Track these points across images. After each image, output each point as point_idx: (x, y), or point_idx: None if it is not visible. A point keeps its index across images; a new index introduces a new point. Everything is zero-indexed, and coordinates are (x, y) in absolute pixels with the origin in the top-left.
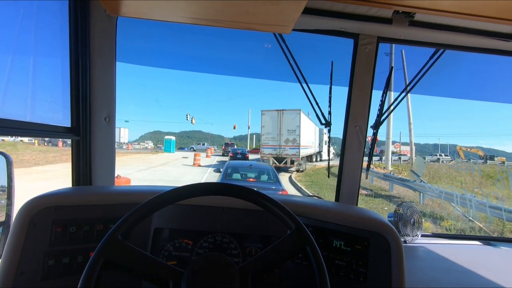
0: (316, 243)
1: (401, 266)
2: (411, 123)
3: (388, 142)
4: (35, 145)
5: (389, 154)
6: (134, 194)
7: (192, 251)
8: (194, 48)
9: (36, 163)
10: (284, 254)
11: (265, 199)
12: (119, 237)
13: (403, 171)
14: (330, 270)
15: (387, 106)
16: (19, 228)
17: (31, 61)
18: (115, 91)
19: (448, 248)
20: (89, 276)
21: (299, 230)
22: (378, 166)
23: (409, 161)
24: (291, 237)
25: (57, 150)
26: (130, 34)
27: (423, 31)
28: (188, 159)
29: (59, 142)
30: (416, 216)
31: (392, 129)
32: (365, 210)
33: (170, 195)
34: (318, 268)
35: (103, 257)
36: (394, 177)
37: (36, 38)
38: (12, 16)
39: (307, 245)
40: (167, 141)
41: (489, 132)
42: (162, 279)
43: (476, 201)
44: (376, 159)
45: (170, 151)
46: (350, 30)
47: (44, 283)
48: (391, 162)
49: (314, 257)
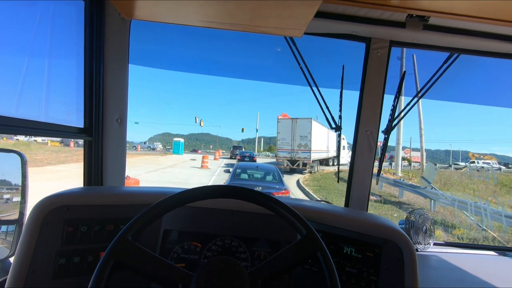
0: (327, 249)
1: (414, 276)
2: (422, 129)
3: (398, 147)
4: (48, 145)
5: (399, 159)
6: (145, 195)
7: (200, 254)
8: (205, 51)
9: (48, 162)
10: (294, 260)
11: (276, 204)
12: (129, 238)
13: (413, 177)
14: (341, 277)
15: (399, 111)
16: (32, 227)
17: (46, 63)
18: (127, 93)
19: (462, 258)
20: (100, 276)
21: (310, 235)
22: (388, 172)
23: (419, 167)
24: (302, 243)
25: (69, 150)
26: (143, 37)
27: (437, 35)
28: (196, 161)
29: (71, 143)
30: (428, 224)
31: (402, 134)
32: (376, 217)
33: (181, 196)
34: (329, 275)
35: (113, 258)
36: (404, 183)
37: (51, 40)
38: (28, 19)
39: (318, 251)
40: (176, 143)
41: (502, 138)
42: (172, 282)
43: (491, 210)
44: (385, 165)
45: (179, 153)
46: (362, 34)
47: (55, 281)
48: (401, 168)
49: (326, 264)
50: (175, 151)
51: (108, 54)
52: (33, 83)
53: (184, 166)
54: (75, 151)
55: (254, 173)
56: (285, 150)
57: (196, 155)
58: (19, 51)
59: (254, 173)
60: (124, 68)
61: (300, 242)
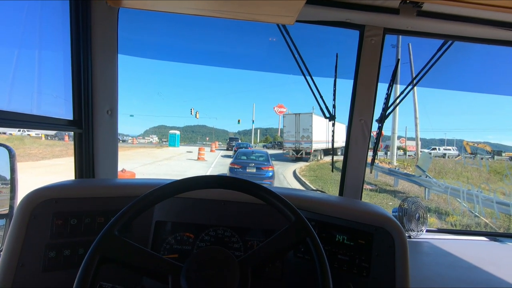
0: (317, 235)
1: (405, 262)
2: (417, 118)
3: (393, 136)
4: (42, 139)
5: (394, 149)
6: (135, 187)
7: (193, 245)
8: (197, 41)
9: (43, 157)
10: (284, 246)
11: (264, 191)
12: (116, 233)
13: (408, 166)
14: (333, 264)
15: (393, 99)
16: (20, 220)
17: (32, 54)
18: (117, 84)
19: (454, 244)
20: (86, 273)
21: (298, 221)
22: (383, 161)
23: (414, 156)
24: (291, 229)
25: (63, 144)
26: (132, 26)
27: (431, 21)
28: (193, 153)
29: (65, 137)
30: (421, 211)
31: (398, 124)
32: (369, 205)
33: (166, 189)
34: (318, 259)
35: (99, 253)
36: (399, 172)
37: (37, 31)
38: (14, 9)
39: (307, 236)
40: (172, 135)
41: (496, 127)
42: (161, 274)
43: (483, 196)
44: (381, 154)
45: (175, 146)
46: (355, 21)
47: (45, 274)
48: (396, 157)
49: (315, 249)
50: (171, 144)
51: (95, 43)
52: (19, 75)
53: (181, 158)
54: (70, 145)
55: (250, 155)
56: (290, 141)
57: (192, 147)
58: (3, 42)
59: (250, 155)
60: (113, 58)
61: (289, 228)
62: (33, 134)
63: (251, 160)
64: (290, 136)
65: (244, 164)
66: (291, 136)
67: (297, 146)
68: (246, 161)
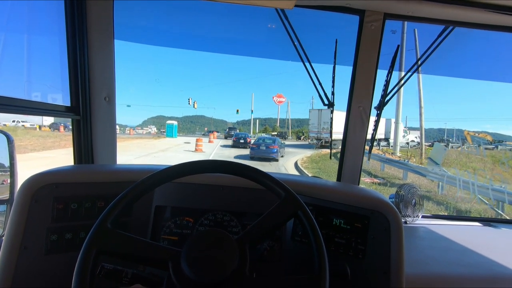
0: (309, 211)
1: (400, 244)
2: (422, 107)
3: (397, 126)
4: (37, 130)
5: (398, 139)
6: (135, 172)
7: (192, 229)
8: (194, 26)
9: (32, 149)
10: (277, 221)
11: (253, 172)
12: (108, 226)
13: (412, 157)
14: (330, 247)
15: (393, 87)
16: (21, 203)
17: (28, 40)
18: (114, 70)
19: (448, 229)
20: (83, 268)
21: (288, 196)
22: (386, 152)
23: (418, 147)
24: (282, 204)
25: (57, 135)
26: (128, 11)
27: (432, 6)
28: (191, 144)
29: (61, 127)
30: (417, 198)
31: (401, 112)
32: (366, 189)
33: (153, 179)
34: (311, 230)
35: (94, 247)
36: (410, 165)
37: (32, 17)
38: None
39: (298, 209)
40: (169, 125)
41: (494, 116)
42: (161, 261)
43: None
44: (383, 144)
45: (173, 136)
46: (355, 6)
47: (48, 257)
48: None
49: (307, 221)
50: (169, 134)
51: (91, 29)
52: (14, 62)
53: (178, 150)
54: (63, 135)
55: (264, 140)
56: (314, 131)
57: (191, 137)
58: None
59: (264, 140)
60: (109, 44)
61: (280, 203)
62: (27, 125)
63: (264, 142)
64: (313, 128)
65: (259, 144)
66: (314, 128)
67: (319, 136)
68: (261, 143)
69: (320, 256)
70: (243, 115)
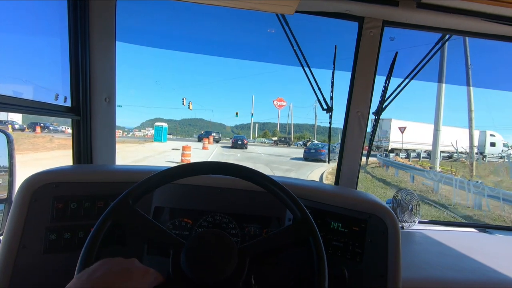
0: (318, 232)
1: (397, 248)
2: (472, 111)
3: (436, 134)
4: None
5: (438, 150)
6: (134, 173)
7: (191, 230)
8: (195, 29)
9: None
10: (286, 242)
11: (273, 185)
12: (130, 202)
13: (458, 172)
14: (327, 250)
15: (392, 92)
16: (21, 202)
17: (30, 41)
18: (115, 72)
19: (445, 234)
20: (97, 234)
21: (304, 220)
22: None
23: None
24: (296, 227)
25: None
26: (130, 14)
27: (430, 14)
28: (179, 151)
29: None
30: (414, 203)
31: (442, 119)
32: (364, 193)
33: (186, 168)
34: (318, 261)
35: (112, 218)
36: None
37: (34, 17)
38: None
39: (310, 235)
40: (158, 128)
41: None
42: (165, 247)
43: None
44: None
45: (161, 140)
46: (355, 12)
47: (46, 256)
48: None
49: (316, 249)
50: (157, 138)
51: (94, 30)
52: (16, 62)
53: (159, 159)
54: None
55: (314, 146)
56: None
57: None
58: (3, 31)
59: (314, 146)
60: (111, 45)
61: (294, 225)
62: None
63: (314, 147)
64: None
65: (310, 148)
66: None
67: (378, 144)
68: (312, 147)
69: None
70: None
